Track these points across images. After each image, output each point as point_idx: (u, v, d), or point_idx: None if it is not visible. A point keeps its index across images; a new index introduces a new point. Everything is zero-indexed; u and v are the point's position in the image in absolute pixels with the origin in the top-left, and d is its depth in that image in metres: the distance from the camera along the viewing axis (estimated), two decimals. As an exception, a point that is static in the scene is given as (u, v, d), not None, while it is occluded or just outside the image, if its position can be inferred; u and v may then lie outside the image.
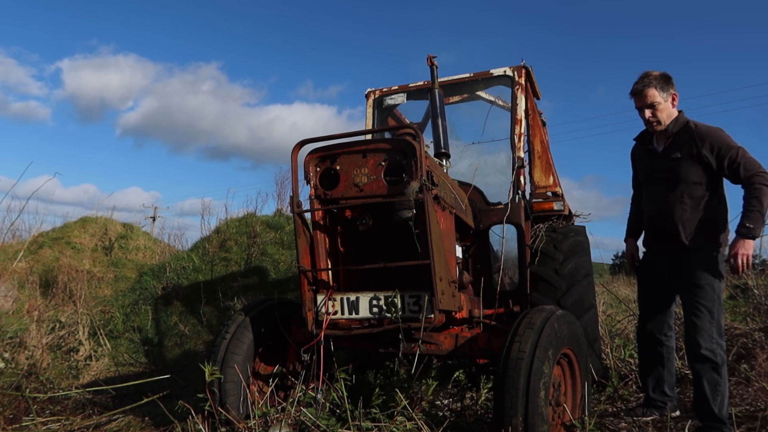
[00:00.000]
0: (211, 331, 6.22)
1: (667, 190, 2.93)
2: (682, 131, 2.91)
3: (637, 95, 2.96)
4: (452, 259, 2.80)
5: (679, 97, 2.98)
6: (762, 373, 3.39)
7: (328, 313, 2.57)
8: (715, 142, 2.79)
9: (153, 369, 5.62)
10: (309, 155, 2.65)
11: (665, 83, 2.92)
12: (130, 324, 6.72)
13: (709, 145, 2.80)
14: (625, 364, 3.97)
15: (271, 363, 3.03)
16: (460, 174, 3.85)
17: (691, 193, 2.86)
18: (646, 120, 2.97)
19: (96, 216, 9.74)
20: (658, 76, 2.92)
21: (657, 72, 2.94)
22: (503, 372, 2.26)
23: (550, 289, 3.55)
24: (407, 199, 2.34)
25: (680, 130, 2.91)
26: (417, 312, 2.44)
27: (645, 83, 2.91)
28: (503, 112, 4.41)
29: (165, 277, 7.53)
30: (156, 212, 24.37)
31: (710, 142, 2.80)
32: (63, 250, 8.44)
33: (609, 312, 5.98)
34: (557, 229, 3.94)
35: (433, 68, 3.37)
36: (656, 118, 2.94)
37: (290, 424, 2.39)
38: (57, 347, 5.32)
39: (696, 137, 2.83)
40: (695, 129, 2.86)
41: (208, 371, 2.39)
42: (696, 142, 2.82)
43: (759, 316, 4.65)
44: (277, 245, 7.63)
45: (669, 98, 2.93)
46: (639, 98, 2.95)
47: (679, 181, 2.88)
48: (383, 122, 4.48)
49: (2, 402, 3.30)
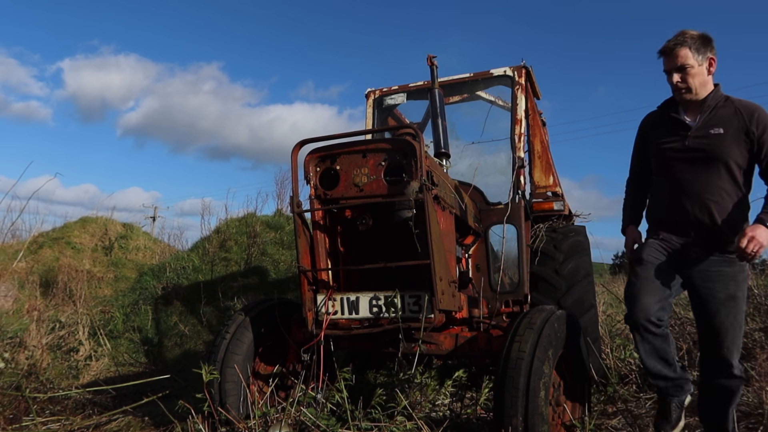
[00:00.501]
0: (211, 331, 6.21)
1: (701, 172, 2.45)
2: (723, 104, 2.47)
3: (666, 54, 2.49)
4: (452, 259, 2.80)
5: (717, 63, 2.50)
6: (762, 373, 3.39)
7: (328, 313, 2.57)
8: (762, 122, 2.38)
9: (153, 369, 5.62)
10: (309, 155, 2.65)
11: (702, 45, 2.44)
12: (130, 324, 6.72)
13: (756, 122, 2.38)
14: (625, 364, 3.96)
15: (271, 363, 3.03)
16: (460, 174, 3.85)
17: (734, 178, 2.42)
18: (674, 85, 2.49)
19: (96, 216, 9.75)
20: (696, 35, 2.45)
21: (695, 31, 2.47)
22: (503, 372, 2.26)
23: (550, 289, 3.56)
24: (407, 199, 2.34)
25: (720, 103, 2.47)
26: (417, 312, 2.44)
27: (678, 41, 2.45)
28: (503, 112, 4.41)
29: (165, 277, 7.53)
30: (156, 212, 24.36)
31: (758, 118, 2.38)
32: (63, 250, 8.44)
33: (609, 312, 5.98)
34: (557, 229, 3.94)
35: (433, 68, 3.37)
36: (686, 83, 2.46)
37: (290, 424, 2.39)
38: (57, 347, 5.32)
39: (743, 111, 2.41)
40: (738, 102, 2.45)
41: (206, 371, 2.39)
42: (744, 117, 2.40)
43: (759, 316, 4.65)
44: (277, 245, 7.63)
45: (705, 62, 2.45)
46: (669, 58, 2.47)
47: (719, 162, 2.42)
48: (383, 122, 4.48)
49: (2, 402, 3.30)
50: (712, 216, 2.42)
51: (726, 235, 2.41)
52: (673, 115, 2.56)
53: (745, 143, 2.40)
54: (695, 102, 2.50)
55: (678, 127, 2.53)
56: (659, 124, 2.65)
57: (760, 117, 2.38)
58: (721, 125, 2.42)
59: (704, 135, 2.45)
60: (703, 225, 2.44)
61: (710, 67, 2.48)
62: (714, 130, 2.43)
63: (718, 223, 2.41)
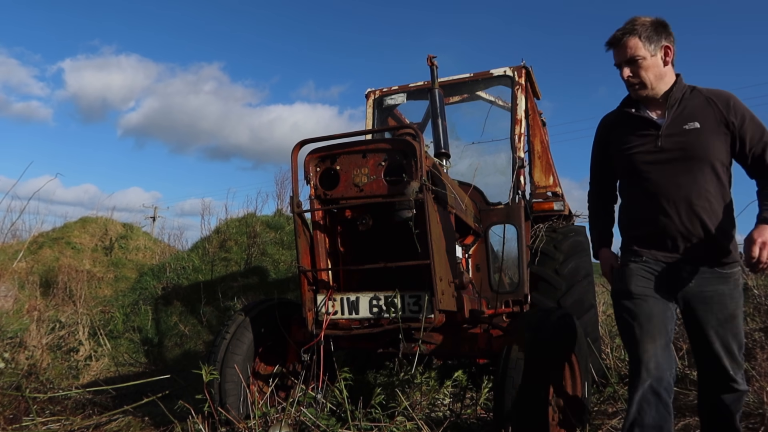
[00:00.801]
0: (211, 331, 6.21)
1: (683, 174, 2.12)
2: (690, 95, 2.16)
3: (614, 46, 2.18)
4: (452, 259, 2.80)
5: (675, 52, 2.18)
6: (762, 373, 3.39)
7: (328, 313, 2.57)
8: (739, 110, 2.09)
9: (153, 369, 5.62)
10: (309, 155, 2.65)
11: (655, 32, 2.13)
12: (130, 324, 6.72)
13: (735, 111, 2.09)
14: (625, 364, 3.96)
15: (271, 363, 3.03)
16: (460, 174, 3.85)
17: (718, 177, 2.11)
18: (626, 81, 2.20)
19: (96, 216, 9.75)
20: (647, 22, 2.14)
21: (647, 18, 2.17)
22: (503, 372, 2.26)
23: (550, 289, 3.56)
24: (407, 199, 2.34)
25: (687, 94, 2.17)
26: (417, 312, 2.44)
27: (626, 30, 2.14)
28: (503, 112, 4.41)
29: (165, 277, 7.53)
30: (156, 212, 24.36)
31: (735, 107, 2.10)
32: (63, 250, 8.44)
33: (609, 312, 5.98)
34: (557, 229, 3.94)
35: (433, 68, 3.38)
36: (638, 78, 2.16)
37: (290, 424, 2.39)
38: (57, 347, 5.32)
39: (716, 101, 2.12)
40: (707, 92, 2.16)
41: (206, 371, 2.39)
42: (719, 107, 2.11)
43: (759, 316, 4.65)
44: (277, 245, 7.63)
45: (659, 52, 2.14)
46: (617, 50, 2.17)
47: (702, 161, 2.10)
48: (383, 122, 4.48)
49: (2, 402, 3.29)
50: (704, 224, 2.10)
51: (721, 244, 2.10)
52: (637, 113, 2.23)
53: (725, 136, 2.10)
54: (656, 98, 2.20)
55: (645, 127, 2.20)
56: (621, 124, 2.30)
57: (737, 105, 2.10)
58: (695, 119, 2.12)
59: (678, 132, 2.13)
60: (693, 236, 2.11)
61: (666, 57, 2.16)
62: (689, 125, 2.11)
63: (712, 232, 2.09)
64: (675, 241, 2.14)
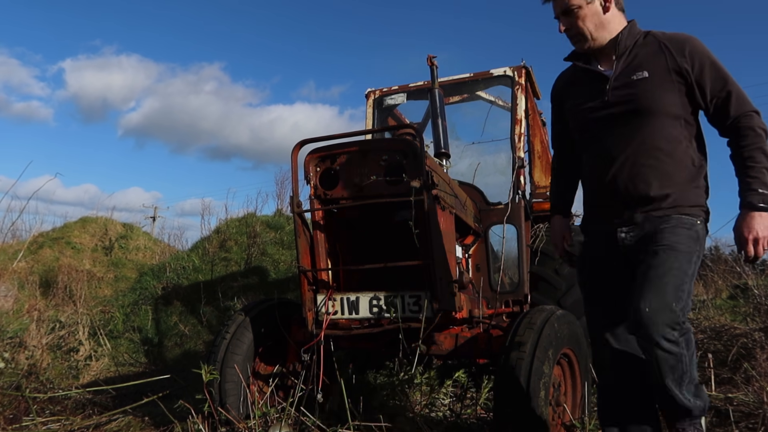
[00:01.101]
0: (211, 331, 6.22)
1: (630, 130, 1.90)
2: (643, 42, 1.94)
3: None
4: (452, 259, 2.80)
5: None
6: (762, 373, 3.39)
7: (328, 313, 2.57)
8: (697, 53, 1.84)
9: (153, 369, 5.62)
10: (309, 155, 2.65)
11: None
12: (130, 324, 6.72)
13: (690, 56, 1.83)
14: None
15: (271, 363, 3.03)
16: (460, 174, 3.86)
17: (668, 132, 1.86)
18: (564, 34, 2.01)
19: (96, 216, 9.75)
20: None
21: None
22: (503, 372, 2.26)
23: (550, 289, 3.56)
24: (407, 199, 2.34)
25: (640, 41, 1.94)
26: (417, 312, 2.44)
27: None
28: (503, 112, 4.41)
29: (165, 277, 7.53)
30: (156, 212, 24.37)
31: (691, 52, 1.84)
32: (63, 250, 8.44)
33: (609, 312, 5.97)
34: (557, 229, 3.93)
35: (433, 68, 3.38)
36: (575, 29, 1.96)
37: (290, 424, 2.39)
38: (57, 347, 5.32)
39: (669, 46, 1.87)
40: (663, 36, 1.92)
41: (206, 371, 2.39)
42: (671, 53, 1.85)
43: (759, 316, 4.65)
44: (277, 245, 7.63)
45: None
46: (554, 3, 1.99)
47: (648, 115, 1.87)
48: (383, 122, 4.48)
49: (2, 402, 3.30)
50: (649, 185, 1.85)
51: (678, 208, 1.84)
52: (586, 65, 2.02)
53: (679, 85, 1.85)
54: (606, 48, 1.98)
55: (595, 80, 1.98)
56: (573, 81, 2.10)
57: (694, 50, 1.84)
58: (644, 67, 1.89)
59: (626, 83, 1.90)
60: (636, 199, 1.87)
61: (606, 3, 1.94)
62: (637, 74, 1.89)
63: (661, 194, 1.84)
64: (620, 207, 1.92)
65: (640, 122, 1.88)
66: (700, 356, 3.76)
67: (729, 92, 1.82)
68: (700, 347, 3.98)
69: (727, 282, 6.69)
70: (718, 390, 3.30)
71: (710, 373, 3.41)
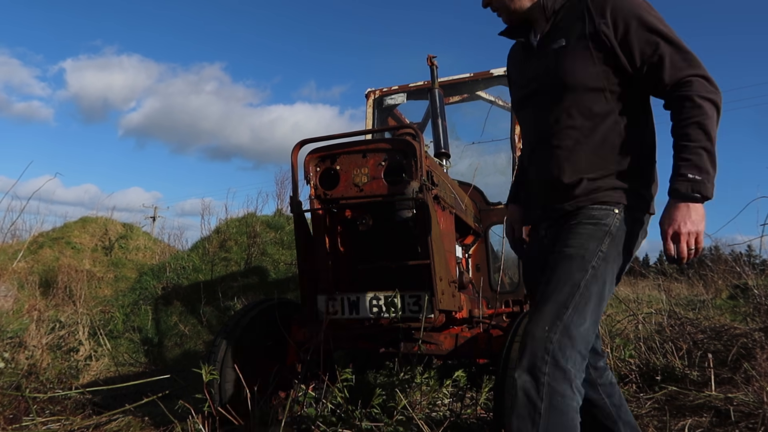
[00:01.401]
0: (211, 331, 6.22)
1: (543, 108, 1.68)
2: (569, 4, 1.69)
3: None
4: (452, 259, 2.80)
5: None
6: (762, 373, 3.39)
7: (329, 313, 2.57)
8: (620, 12, 1.55)
9: (153, 369, 5.63)
10: (309, 155, 2.65)
11: None
12: (130, 324, 6.73)
13: (611, 15, 1.56)
14: (625, 364, 3.96)
15: (271, 363, 3.04)
16: (460, 174, 3.86)
17: (586, 107, 1.60)
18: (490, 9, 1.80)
19: (96, 216, 9.75)
20: None
21: None
22: (503, 372, 2.26)
23: (550, 289, 3.55)
24: (407, 199, 2.34)
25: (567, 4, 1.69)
26: (417, 312, 2.44)
27: None
28: (503, 112, 4.41)
29: (165, 277, 7.53)
30: (156, 212, 24.38)
31: (613, 10, 1.56)
32: (63, 250, 8.44)
33: (609, 312, 5.98)
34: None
35: (433, 68, 3.38)
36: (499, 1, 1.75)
37: (290, 424, 2.39)
38: (57, 347, 5.32)
39: (590, 6, 1.60)
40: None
41: (206, 371, 2.39)
42: (590, 14, 1.59)
43: (759, 316, 4.65)
44: (277, 245, 7.63)
45: None
46: None
47: (562, 89, 1.62)
48: (383, 122, 4.48)
49: (2, 402, 3.30)
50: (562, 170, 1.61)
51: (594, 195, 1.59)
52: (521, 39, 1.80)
53: (596, 52, 1.57)
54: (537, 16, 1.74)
55: (527, 53, 1.78)
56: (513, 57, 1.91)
57: (617, 9, 1.56)
58: (562, 34, 1.65)
59: (545, 54, 1.68)
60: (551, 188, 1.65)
61: None
62: (556, 43, 1.65)
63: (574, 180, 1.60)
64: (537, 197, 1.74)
65: (554, 98, 1.64)
66: (701, 356, 3.76)
67: (661, 56, 1.52)
68: (700, 347, 3.99)
69: (727, 282, 6.70)
70: (718, 390, 3.30)
71: (710, 373, 3.41)
